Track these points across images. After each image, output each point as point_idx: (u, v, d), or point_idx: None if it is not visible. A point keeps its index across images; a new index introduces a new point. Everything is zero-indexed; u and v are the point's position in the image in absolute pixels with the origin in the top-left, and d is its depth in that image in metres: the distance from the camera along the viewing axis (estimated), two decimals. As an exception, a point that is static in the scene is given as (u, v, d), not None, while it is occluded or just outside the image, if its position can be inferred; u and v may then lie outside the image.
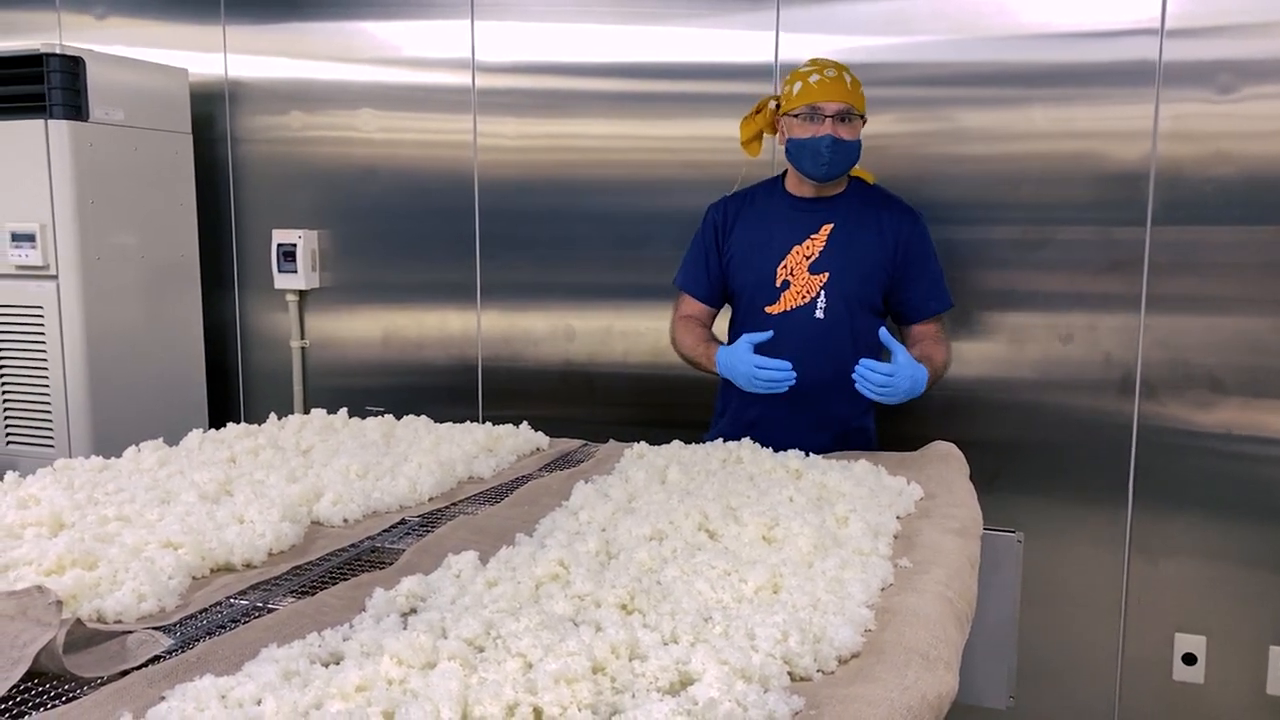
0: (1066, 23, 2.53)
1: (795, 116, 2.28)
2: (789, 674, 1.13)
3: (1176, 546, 2.57)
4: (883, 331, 2.21)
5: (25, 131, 2.82)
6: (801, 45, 2.72)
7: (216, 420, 3.35)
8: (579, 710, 1.00)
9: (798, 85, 2.29)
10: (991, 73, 2.61)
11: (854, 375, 2.15)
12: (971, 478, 2.06)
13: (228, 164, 3.39)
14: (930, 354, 2.30)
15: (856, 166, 2.39)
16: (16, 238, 2.84)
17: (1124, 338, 2.56)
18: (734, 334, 2.48)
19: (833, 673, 1.17)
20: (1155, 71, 2.46)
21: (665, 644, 1.15)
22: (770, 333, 2.28)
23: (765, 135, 2.43)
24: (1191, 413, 2.53)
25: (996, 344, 2.65)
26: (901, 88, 2.68)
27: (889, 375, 2.13)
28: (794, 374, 2.19)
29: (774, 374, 2.18)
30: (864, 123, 2.32)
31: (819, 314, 2.32)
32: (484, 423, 2.41)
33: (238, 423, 2.33)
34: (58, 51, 2.80)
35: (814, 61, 2.31)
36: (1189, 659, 2.57)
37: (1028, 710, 2.61)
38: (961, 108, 2.64)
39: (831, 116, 2.24)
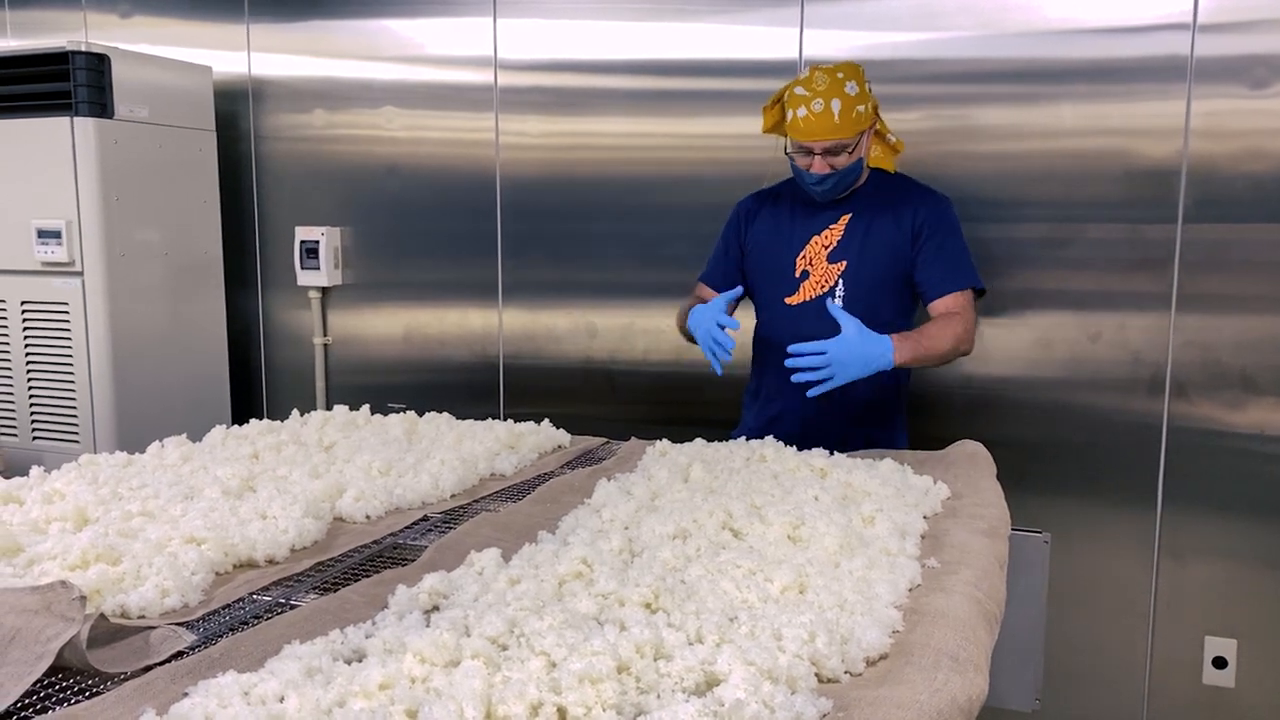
0: (1096, 18, 2.49)
1: (791, 143, 2.27)
2: (816, 675, 1.11)
3: (1207, 548, 2.53)
4: (830, 304, 2.11)
5: (51, 129, 2.84)
6: (825, 41, 2.70)
7: (239, 416, 3.36)
8: (603, 710, 0.99)
9: (789, 115, 2.22)
10: (1019, 69, 2.58)
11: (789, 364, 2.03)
12: (998, 477, 2.04)
13: (251, 162, 3.40)
14: (926, 328, 2.16)
15: (877, 157, 2.38)
16: (43, 234, 2.86)
17: (1154, 337, 2.52)
18: (758, 328, 2.48)
19: (860, 674, 1.15)
20: (1187, 67, 2.42)
21: (690, 644, 1.14)
22: (740, 289, 2.26)
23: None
24: (1223, 413, 2.49)
25: (1024, 342, 2.62)
26: (927, 84, 2.66)
27: (820, 353, 2.02)
28: (733, 341, 2.15)
29: (722, 334, 2.15)
30: (867, 136, 2.25)
31: (838, 303, 2.30)
32: (505, 420, 2.40)
33: (260, 419, 2.33)
34: (83, 49, 2.82)
35: (807, 85, 2.18)
36: (1219, 662, 2.53)
37: (1054, 713, 2.58)
38: (989, 104, 2.61)
39: (819, 154, 2.22)
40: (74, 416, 2.93)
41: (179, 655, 1.17)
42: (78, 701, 1.06)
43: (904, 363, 2.11)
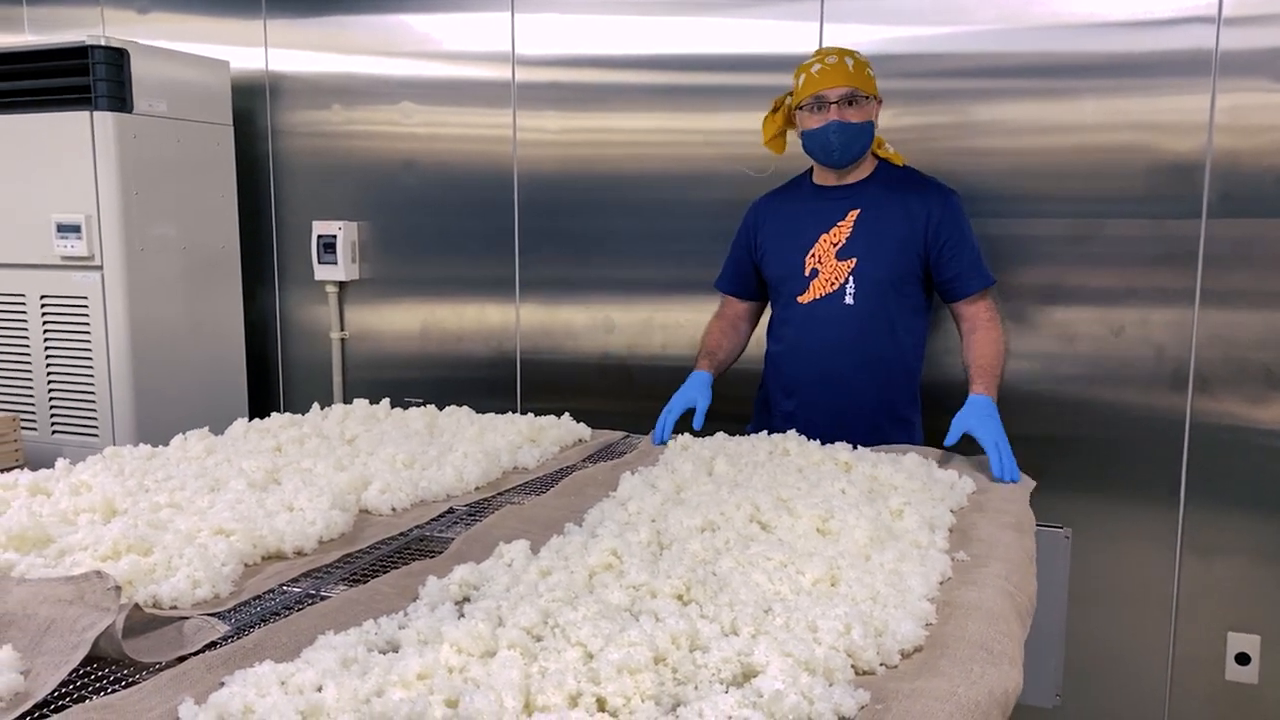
0: (1119, 11, 2.47)
1: (803, 109, 2.31)
2: (852, 667, 1.11)
3: (1230, 544, 2.52)
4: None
5: (71, 123, 2.84)
6: (846, 35, 2.68)
7: (256, 411, 3.36)
8: (642, 701, 0.99)
9: (802, 78, 2.32)
10: (1041, 63, 2.56)
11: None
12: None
13: (268, 157, 3.40)
14: (987, 360, 2.23)
15: (889, 150, 2.38)
16: (62, 229, 2.86)
17: (1177, 332, 2.50)
18: (771, 326, 2.47)
19: (895, 666, 1.15)
20: (1212, 60, 2.41)
21: (725, 635, 1.14)
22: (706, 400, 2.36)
23: (789, 132, 2.43)
24: (1246, 408, 2.47)
25: (1046, 338, 2.61)
26: (949, 79, 2.64)
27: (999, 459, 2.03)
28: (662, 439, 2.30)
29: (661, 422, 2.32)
30: (878, 104, 2.32)
31: (848, 299, 2.31)
32: (523, 414, 2.40)
33: (278, 413, 2.33)
34: (102, 44, 2.82)
35: (817, 52, 2.35)
36: (1242, 658, 2.52)
37: (1075, 709, 2.58)
38: (1010, 99, 2.60)
39: (835, 103, 2.26)
40: (93, 410, 2.94)
41: (212, 645, 1.17)
42: (114, 690, 1.06)
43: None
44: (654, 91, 2.94)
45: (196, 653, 1.15)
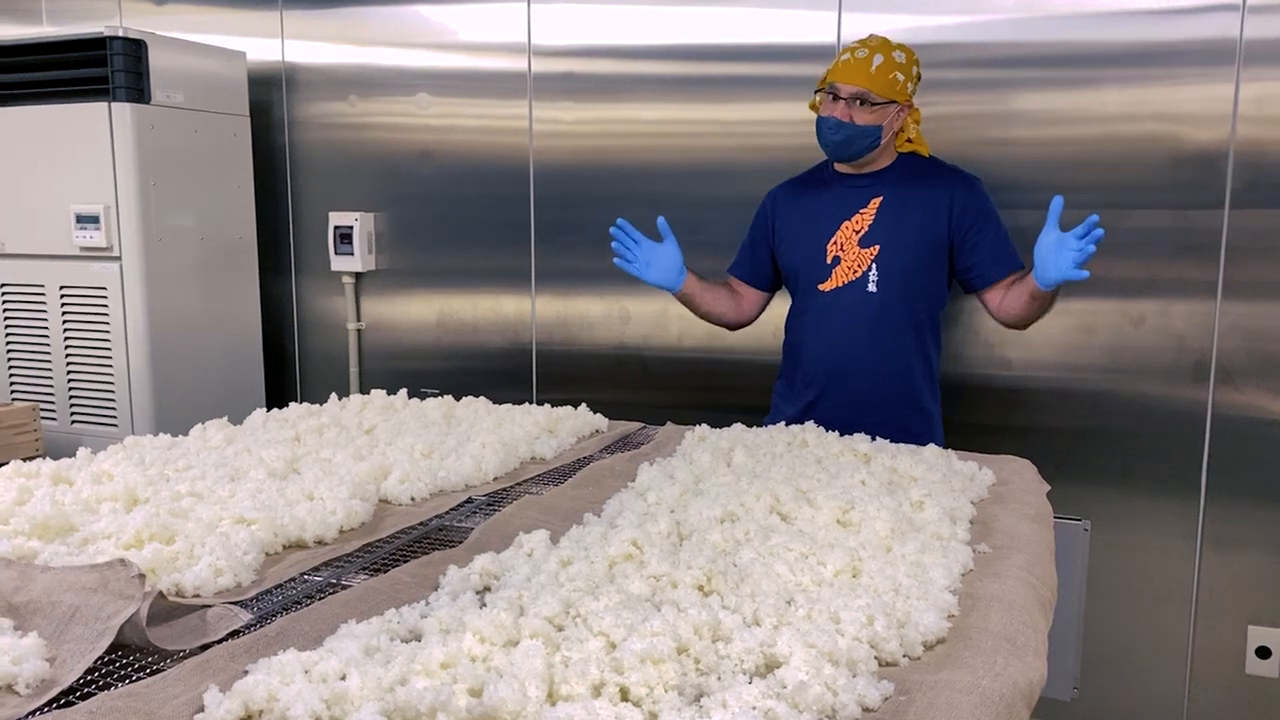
0: (1142, 0, 2.45)
1: (819, 93, 2.30)
2: (875, 659, 1.10)
3: (1251, 537, 2.50)
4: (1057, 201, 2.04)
5: (89, 114, 2.85)
6: (865, 25, 2.67)
7: (273, 401, 3.38)
8: (665, 691, 0.98)
9: (834, 61, 2.30)
10: (1063, 52, 2.54)
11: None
12: (1038, 465, 2.02)
13: (285, 148, 3.40)
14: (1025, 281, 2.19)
15: (916, 141, 2.36)
16: (81, 219, 2.87)
17: (1199, 323, 2.49)
18: (789, 317, 2.46)
19: (919, 658, 1.14)
20: (1236, 49, 2.38)
21: (748, 626, 1.13)
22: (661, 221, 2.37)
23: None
24: (1268, 400, 2.45)
25: (1066, 328, 2.59)
26: (969, 69, 2.63)
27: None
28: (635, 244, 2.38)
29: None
30: (902, 109, 2.27)
31: (871, 288, 2.30)
32: (539, 405, 2.40)
33: (296, 403, 2.34)
34: (120, 35, 2.83)
35: (862, 40, 2.30)
36: (1263, 652, 2.51)
37: (1093, 702, 2.57)
38: (1031, 89, 2.58)
39: (845, 99, 2.23)
40: (112, 399, 2.95)
41: (235, 634, 1.18)
42: (139, 678, 1.06)
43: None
44: (670, 82, 2.93)
45: (220, 641, 1.15)
